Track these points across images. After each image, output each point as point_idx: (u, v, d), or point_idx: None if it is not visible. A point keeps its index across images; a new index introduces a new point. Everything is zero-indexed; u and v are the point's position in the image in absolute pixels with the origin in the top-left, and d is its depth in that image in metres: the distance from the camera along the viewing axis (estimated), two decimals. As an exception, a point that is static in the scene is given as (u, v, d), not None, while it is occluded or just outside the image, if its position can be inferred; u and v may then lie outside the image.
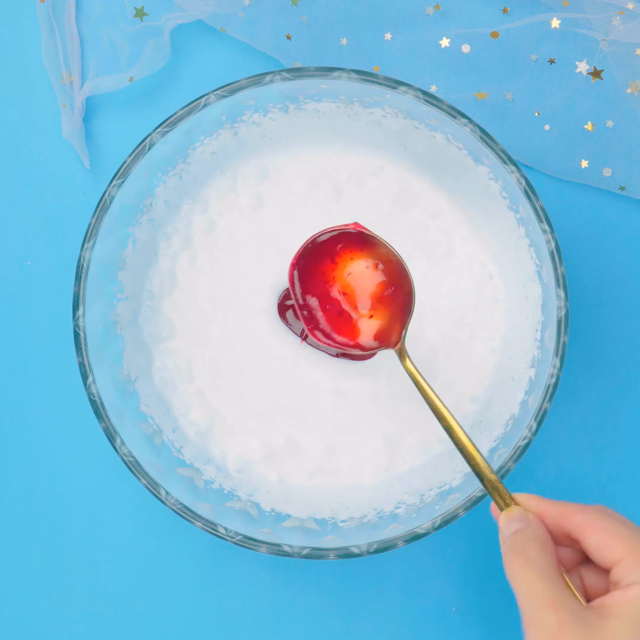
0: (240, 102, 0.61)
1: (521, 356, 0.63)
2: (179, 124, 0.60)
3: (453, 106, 0.59)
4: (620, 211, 0.68)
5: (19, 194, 0.68)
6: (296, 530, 0.61)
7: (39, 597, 0.68)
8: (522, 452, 0.58)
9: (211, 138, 0.63)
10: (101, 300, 0.61)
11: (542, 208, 0.58)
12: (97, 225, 0.60)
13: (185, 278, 0.65)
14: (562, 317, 0.58)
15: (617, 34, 0.65)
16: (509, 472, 0.58)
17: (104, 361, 0.61)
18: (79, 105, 0.67)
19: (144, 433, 0.62)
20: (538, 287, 0.61)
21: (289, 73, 0.59)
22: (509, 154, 0.59)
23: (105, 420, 0.59)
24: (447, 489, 0.61)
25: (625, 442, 0.67)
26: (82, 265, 0.60)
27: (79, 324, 0.60)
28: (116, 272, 0.62)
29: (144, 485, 0.59)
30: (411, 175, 0.65)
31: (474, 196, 0.64)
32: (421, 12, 0.67)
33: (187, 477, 0.62)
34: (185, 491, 0.61)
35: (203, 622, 0.67)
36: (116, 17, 0.68)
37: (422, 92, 0.59)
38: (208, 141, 0.63)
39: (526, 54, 0.67)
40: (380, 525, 0.60)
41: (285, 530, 0.61)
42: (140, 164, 0.60)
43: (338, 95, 0.61)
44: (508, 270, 0.64)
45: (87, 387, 0.59)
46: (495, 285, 0.65)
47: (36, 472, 0.68)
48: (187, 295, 0.65)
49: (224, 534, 0.59)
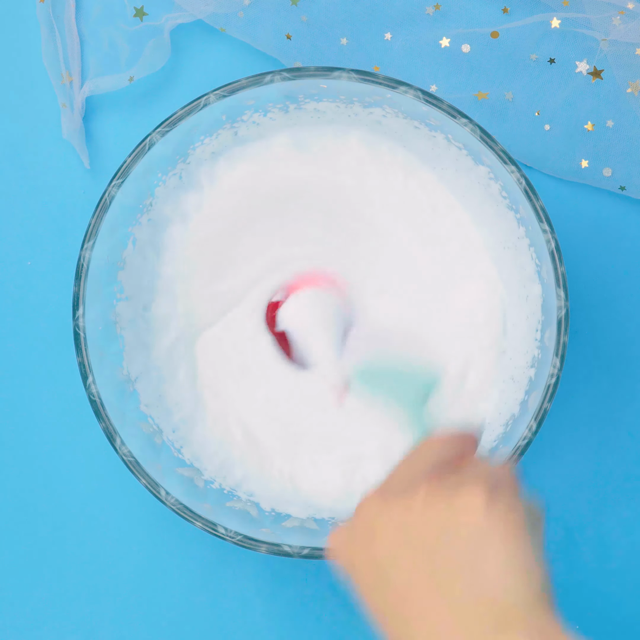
0: (240, 102, 0.61)
1: (521, 356, 0.63)
2: (178, 124, 0.60)
3: (453, 106, 0.59)
4: (620, 211, 0.68)
5: (18, 193, 0.68)
6: (296, 530, 0.61)
7: (37, 594, 0.67)
8: (522, 452, 0.58)
9: (211, 138, 0.63)
10: (101, 300, 0.61)
11: (542, 208, 0.58)
12: (97, 225, 0.60)
13: (184, 277, 0.65)
14: (562, 317, 0.58)
15: (617, 33, 0.65)
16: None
17: (104, 361, 0.61)
18: (78, 105, 0.67)
19: (144, 433, 0.62)
20: (538, 286, 0.61)
21: (289, 73, 0.59)
22: (509, 154, 0.59)
23: (105, 420, 0.59)
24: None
25: (626, 441, 0.67)
26: (82, 265, 0.60)
27: (79, 323, 0.60)
28: (116, 272, 0.62)
29: (143, 485, 0.59)
30: (411, 175, 0.65)
31: (474, 196, 0.63)
32: (421, 11, 0.67)
33: (187, 477, 0.62)
34: (185, 491, 0.60)
35: (202, 621, 0.67)
36: (116, 17, 0.68)
37: (422, 91, 0.59)
38: (208, 141, 0.63)
39: (526, 54, 0.67)
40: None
41: (285, 530, 0.61)
42: (140, 163, 0.60)
43: (338, 95, 0.61)
44: (508, 270, 0.64)
45: (87, 387, 0.59)
46: (495, 285, 0.65)
47: (36, 471, 0.68)
48: (186, 295, 0.65)
49: (223, 534, 0.59)
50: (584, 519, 0.67)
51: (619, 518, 0.67)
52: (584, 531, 0.67)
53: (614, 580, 0.67)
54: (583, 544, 0.67)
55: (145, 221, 0.63)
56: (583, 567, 0.67)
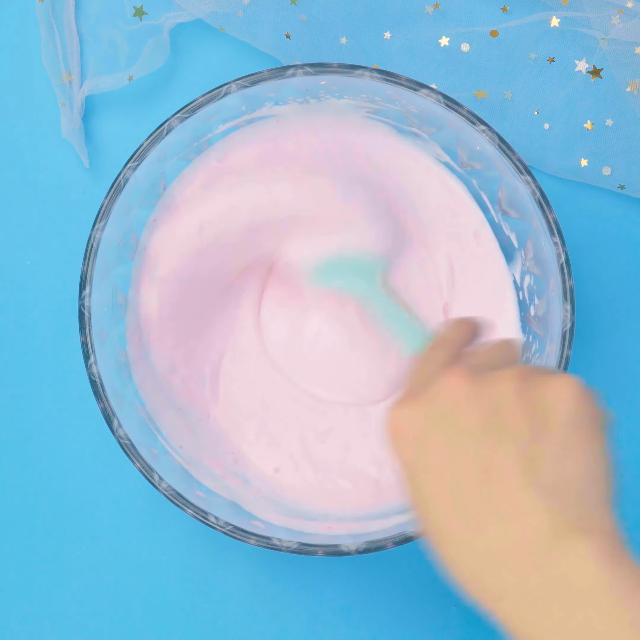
0: (261, 93, 0.61)
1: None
2: (198, 111, 0.60)
3: (473, 112, 0.58)
4: (620, 210, 0.68)
5: (17, 192, 0.68)
6: (286, 524, 0.61)
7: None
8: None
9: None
10: (108, 282, 0.61)
11: (555, 220, 0.58)
12: (110, 207, 0.59)
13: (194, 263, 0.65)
14: (567, 331, 0.58)
15: (617, 32, 0.65)
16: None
17: (107, 342, 0.61)
18: (78, 104, 0.67)
19: (141, 417, 0.62)
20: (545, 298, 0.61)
21: (311, 68, 0.59)
22: (526, 164, 0.58)
23: (104, 401, 0.59)
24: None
25: (626, 445, 0.67)
26: (92, 245, 0.59)
27: (85, 303, 0.59)
28: (125, 254, 0.62)
29: (137, 469, 0.59)
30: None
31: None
32: (420, 11, 0.67)
33: (181, 464, 0.62)
34: (179, 477, 0.60)
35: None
36: (115, 16, 0.68)
37: (444, 96, 0.58)
38: (225, 130, 0.63)
39: (525, 53, 0.67)
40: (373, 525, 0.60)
41: (275, 525, 0.61)
42: (156, 148, 0.60)
43: (359, 94, 0.61)
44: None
45: (88, 367, 0.59)
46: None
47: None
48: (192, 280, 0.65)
49: (214, 522, 0.58)
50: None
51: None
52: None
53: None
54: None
55: (157, 205, 0.63)
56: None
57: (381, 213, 0.63)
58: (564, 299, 0.58)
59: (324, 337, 0.65)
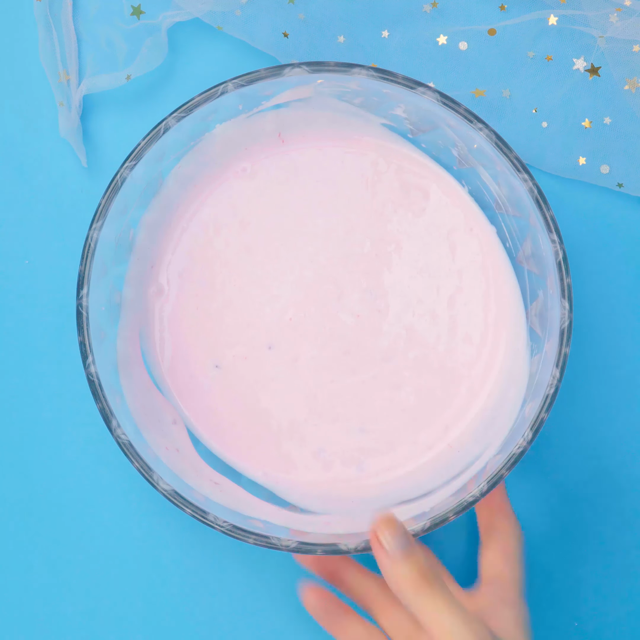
0: (258, 92, 0.61)
1: (520, 366, 0.63)
2: (195, 110, 0.60)
3: (470, 110, 0.59)
4: (618, 208, 0.68)
5: (14, 192, 0.68)
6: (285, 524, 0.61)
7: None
8: (516, 460, 0.58)
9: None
10: (106, 282, 0.61)
11: (552, 218, 0.58)
12: (107, 206, 0.59)
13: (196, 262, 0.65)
14: (565, 328, 0.58)
15: (615, 30, 0.65)
16: (502, 479, 0.58)
17: (104, 342, 0.61)
18: (76, 103, 0.67)
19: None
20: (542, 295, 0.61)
21: (308, 66, 0.59)
22: (523, 162, 0.59)
23: (102, 401, 0.59)
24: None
25: (624, 449, 0.67)
26: (90, 244, 0.59)
27: (82, 303, 0.59)
28: (123, 254, 0.62)
29: (136, 469, 0.59)
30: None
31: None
32: (418, 9, 0.67)
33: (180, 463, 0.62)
34: (177, 477, 0.61)
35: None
36: (113, 15, 0.68)
37: (440, 94, 0.58)
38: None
39: (523, 51, 0.67)
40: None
41: (274, 525, 0.61)
42: (154, 147, 0.60)
43: (358, 94, 0.61)
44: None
45: (86, 367, 0.59)
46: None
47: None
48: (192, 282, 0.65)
49: (212, 521, 0.59)
50: (581, 530, 0.67)
51: (615, 525, 0.67)
52: (583, 538, 0.67)
53: (616, 578, 0.67)
54: (583, 546, 0.67)
55: (155, 205, 0.63)
56: (582, 567, 0.68)
57: None
58: (561, 297, 0.58)
59: None
